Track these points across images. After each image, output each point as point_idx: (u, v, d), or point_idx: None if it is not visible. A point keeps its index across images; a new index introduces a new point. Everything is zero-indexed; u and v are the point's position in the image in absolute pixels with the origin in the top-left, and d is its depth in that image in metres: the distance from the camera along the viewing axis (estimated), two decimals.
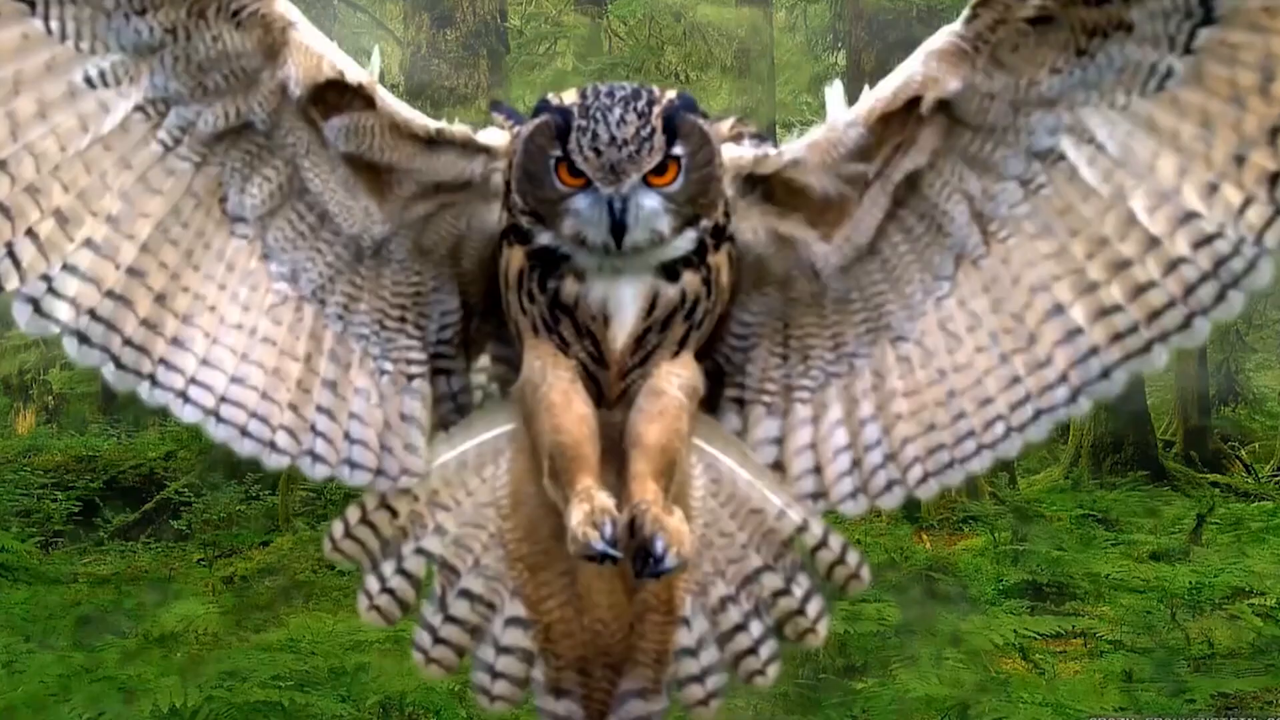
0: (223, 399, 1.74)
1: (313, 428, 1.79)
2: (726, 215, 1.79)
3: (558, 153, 1.68)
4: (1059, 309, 1.70)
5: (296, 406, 1.78)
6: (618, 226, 1.67)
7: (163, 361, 1.71)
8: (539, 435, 1.81)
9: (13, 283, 1.62)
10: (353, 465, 1.81)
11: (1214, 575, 7.56)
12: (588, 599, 1.87)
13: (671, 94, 1.72)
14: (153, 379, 1.71)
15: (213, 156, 1.73)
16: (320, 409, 1.79)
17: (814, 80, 13.72)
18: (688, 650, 1.87)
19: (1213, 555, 8.46)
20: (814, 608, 1.88)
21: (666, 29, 12.69)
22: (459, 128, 1.79)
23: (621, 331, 1.77)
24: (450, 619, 1.88)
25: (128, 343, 1.69)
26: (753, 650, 1.87)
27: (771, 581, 1.88)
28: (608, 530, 1.66)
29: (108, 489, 10.06)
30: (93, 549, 9.01)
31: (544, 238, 1.74)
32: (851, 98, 1.76)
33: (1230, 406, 16.25)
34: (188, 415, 1.73)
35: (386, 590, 1.87)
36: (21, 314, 1.63)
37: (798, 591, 1.87)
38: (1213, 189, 1.58)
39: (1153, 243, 1.63)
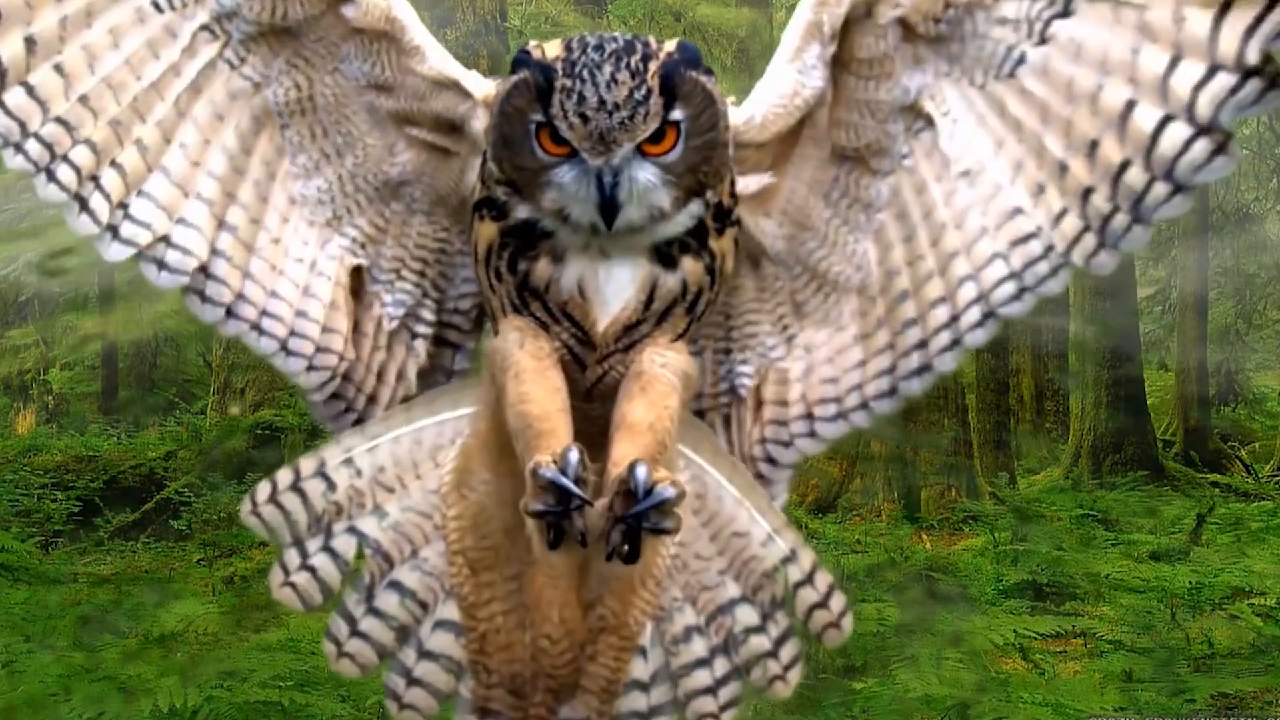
0: (291, 332, 1.74)
1: (362, 361, 1.78)
2: (733, 196, 1.64)
3: (539, 117, 1.51)
4: (904, 295, 1.71)
5: (351, 337, 1.77)
6: (608, 204, 1.51)
7: (240, 296, 1.72)
8: (506, 409, 1.61)
9: (105, 214, 1.63)
10: (374, 402, 1.78)
11: (1214, 575, 7.55)
12: (536, 610, 1.65)
13: (670, 45, 1.54)
14: (229, 310, 1.72)
15: (269, 71, 1.70)
16: (364, 343, 1.78)
17: None
18: (638, 683, 1.69)
19: (1213, 555, 8.46)
20: (788, 653, 1.72)
21: (666, 29, 12.69)
22: (452, 68, 1.72)
23: (604, 316, 1.61)
24: (374, 611, 1.70)
25: (204, 271, 1.69)
26: (710, 690, 1.70)
27: (746, 616, 1.70)
28: (572, 458, 1.45)
29: (108, 489, 10.04)
30: (93, 549, 9.00)
31: (522, 211, 1.58)
32: None
33: (1230, 406, 16.25)
34: (263, 346, 1.74)
35: (308, 568, 1.70)
36: (103, 244, 1.65)
37: (773, 631, 1.71)
38: (1040, 190, 1.61)
39: (980, 233, 1.65)
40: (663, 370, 1.62)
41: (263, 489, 1.71)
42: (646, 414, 1.58)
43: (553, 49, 1.53)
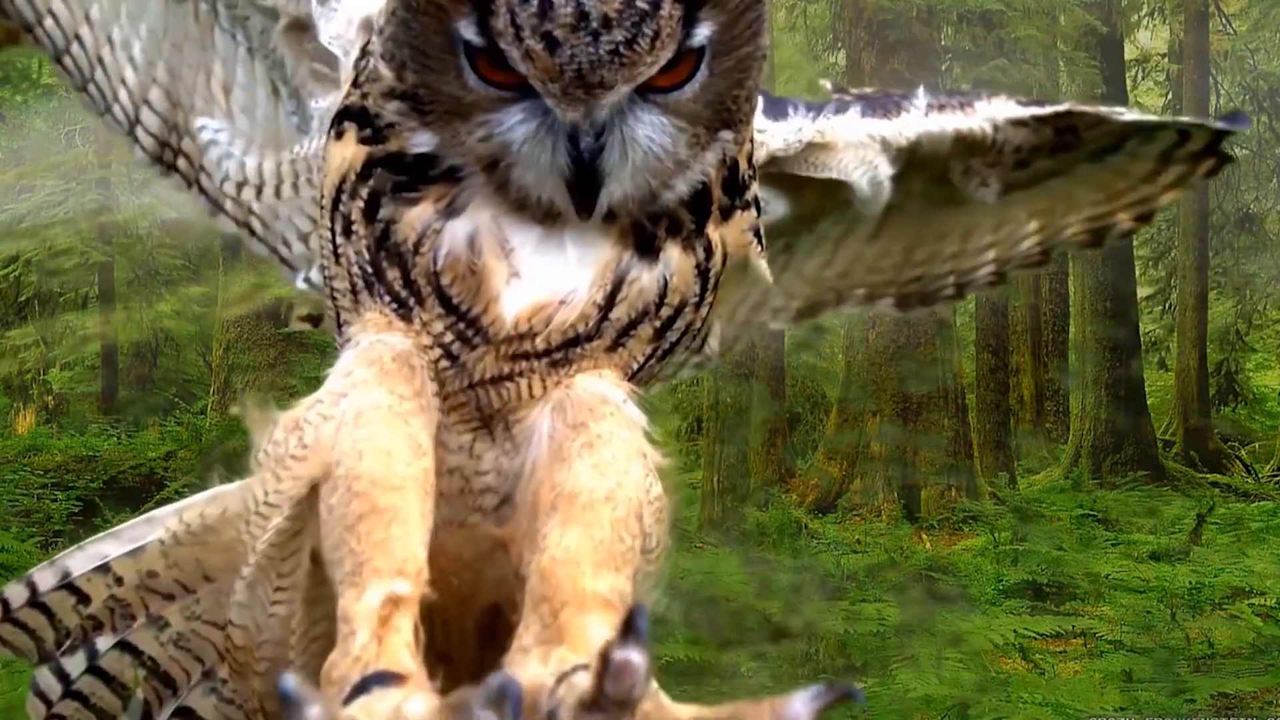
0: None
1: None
2: (751, 165, 1.14)
3: (473, 36, 0.96)
4: None
5: None
6: (586, 178, 0.99)
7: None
8: (331, 481, 1.00)
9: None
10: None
11: (1214, 575, 7.56)
12: None
13: None
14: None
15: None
16: None
17: (814, 80, 13.73)
18: None
19: (1213, 555, 8.46)
20: None
21: None
22: None
23: (516, 299, 1.04)
24: None
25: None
26: None
27: None
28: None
29: (108, 489, 10.05)
30: None
31: (420, 141, 1.04)
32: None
33: (1230, 406, 16.25)
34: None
35: (74, 695, 1.30)
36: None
37: None
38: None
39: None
40: (623, 413, 1.06)
41: None
42: (599, 480, 1.00)
43: None
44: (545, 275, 1.05)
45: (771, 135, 1.26)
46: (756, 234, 1.16)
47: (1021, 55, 10.47)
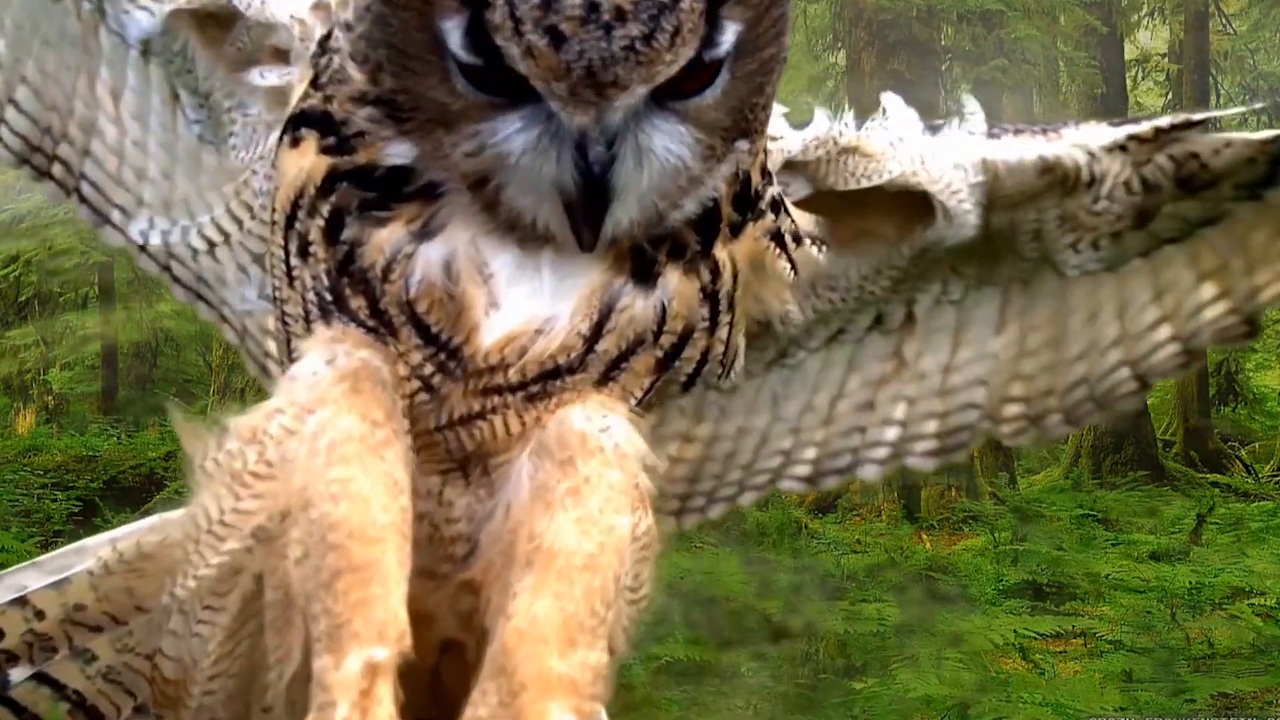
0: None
1: None
2: (765, 173, 1.05)
3: (461, 50, 0.87)
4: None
5: None
6: (593, 195, 0.88)
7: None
8: (297, 514, 0.92)
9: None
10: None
11: (1214, 575, 7.56)
12: None
13: None
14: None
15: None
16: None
17: (814, 80, 13.73)
18: None
19: (1213, 555, 8.46)
20: None
21: None
22: None
23: (494, 326, 0.96)
24: None
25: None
26: None
27: None
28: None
29: (108, 489, 10.05)
30: None
31: (395, 153, 0.94)
32: (851, 97, 1.54)
33: (1230, 406, 16.24)
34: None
35: None
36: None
37: None
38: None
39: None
40: (608, 450, 0.96)
41: None
42: (580, 541, 0.92)
43: None
44: (522, 301, 0.96)
45: (788, 140, 1.16)
46: (777, 237, 1.05)
47: (1021, 55, 10.47)
